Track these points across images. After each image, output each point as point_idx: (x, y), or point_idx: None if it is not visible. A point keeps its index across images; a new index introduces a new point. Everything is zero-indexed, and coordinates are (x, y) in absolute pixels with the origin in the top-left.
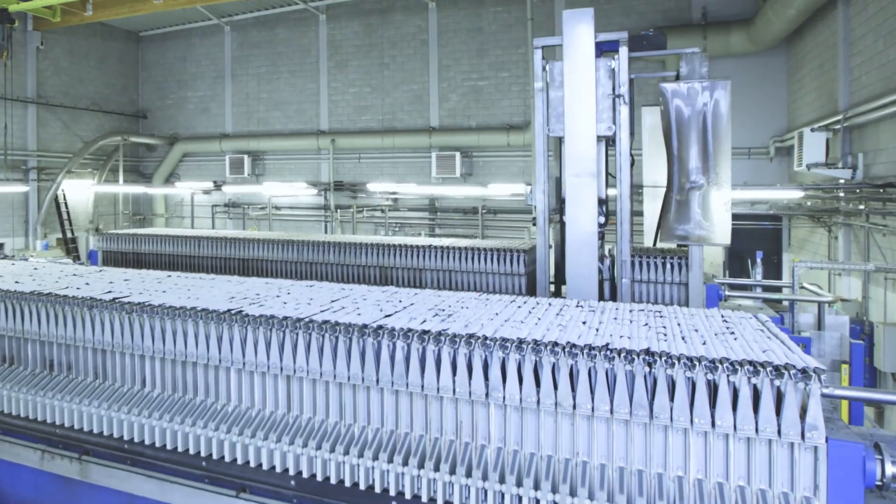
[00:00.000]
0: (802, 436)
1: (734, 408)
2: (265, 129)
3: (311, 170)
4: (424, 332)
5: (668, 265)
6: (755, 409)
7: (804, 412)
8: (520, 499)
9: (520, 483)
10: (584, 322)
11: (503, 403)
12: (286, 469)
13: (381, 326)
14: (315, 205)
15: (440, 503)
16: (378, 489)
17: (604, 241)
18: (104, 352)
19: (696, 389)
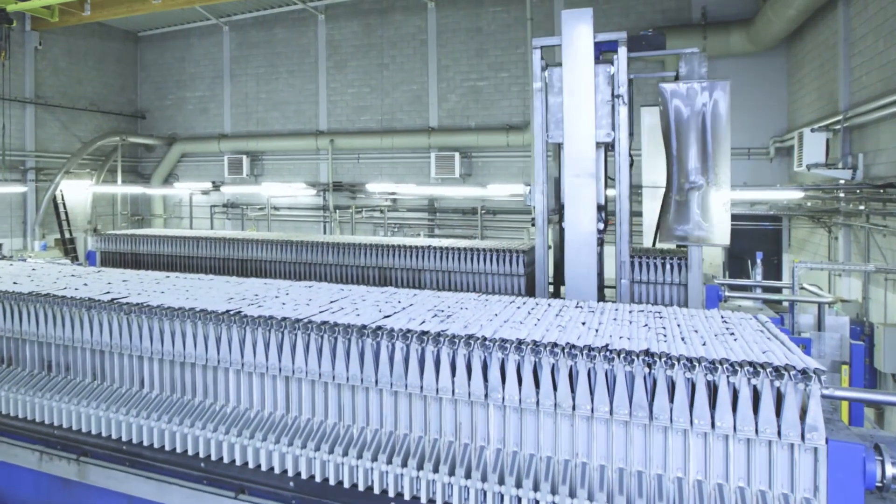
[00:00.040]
0: (802, 437)
1: (734, 409)
2: (264, 130)
3: (310, 170)
4: (423, 333)
5: (668, 266)
6: (755, 411)
7: (804, 413)
8: (519, 500)
9: (519, 484)
10: (584, 323)
11: (502, 404)
12: (285, 470)
13: (381, 327)
14: (314, 205)
15: None
16: (377, 490)
17: (603, 245)
18: (102, 353)
19: (696, 390)
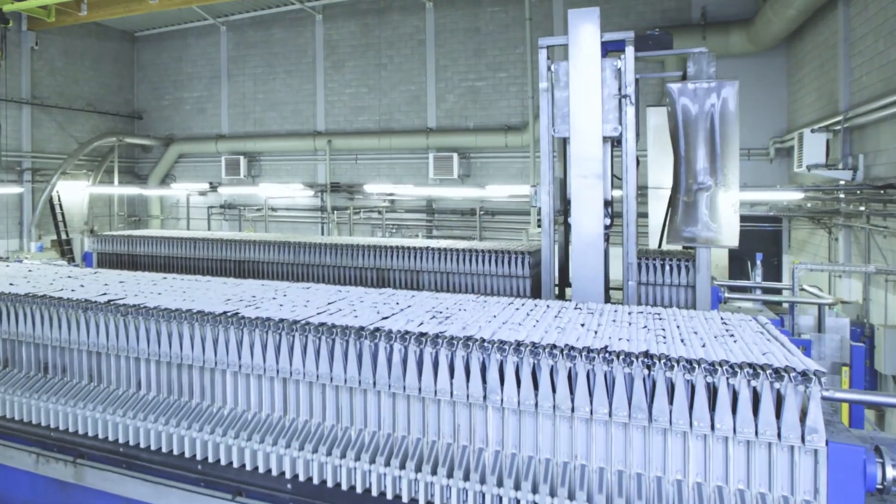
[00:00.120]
0: (802, 439)
1: (734, 411)
2: (261, 130)
3: (308, 171)
4: (422, 335)
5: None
6: (755, 412)
7: (804, 415)
8: (517, 502)
9: (518, 486)
10: (583, 324)
11: (501, 406)
12: (282, 472)
13: (379, 329)
14: (311, 206)
15: None
16: (375, 493)
17: (608, 244)
18: (99, 354)
19: (696, 392)
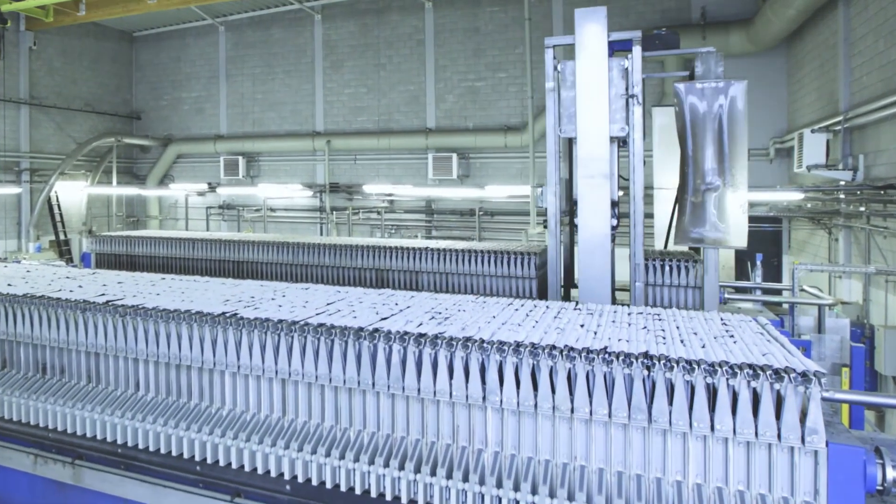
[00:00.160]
0: (802, 440)
1: (733, 411)
2: (260, 130)
3: (307, 171)
4: (421, 336)
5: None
6: (755, 413)
7: (804, 416)
8: (517, 503)
9: (517, 487)
10: (582, 325)
11: (500, 407)
12: (281, 473)
13: (377, 329)
14: (310, 207)
15: None
16: (374, 494)
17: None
18: (97, 355)
19: (695, 393)
